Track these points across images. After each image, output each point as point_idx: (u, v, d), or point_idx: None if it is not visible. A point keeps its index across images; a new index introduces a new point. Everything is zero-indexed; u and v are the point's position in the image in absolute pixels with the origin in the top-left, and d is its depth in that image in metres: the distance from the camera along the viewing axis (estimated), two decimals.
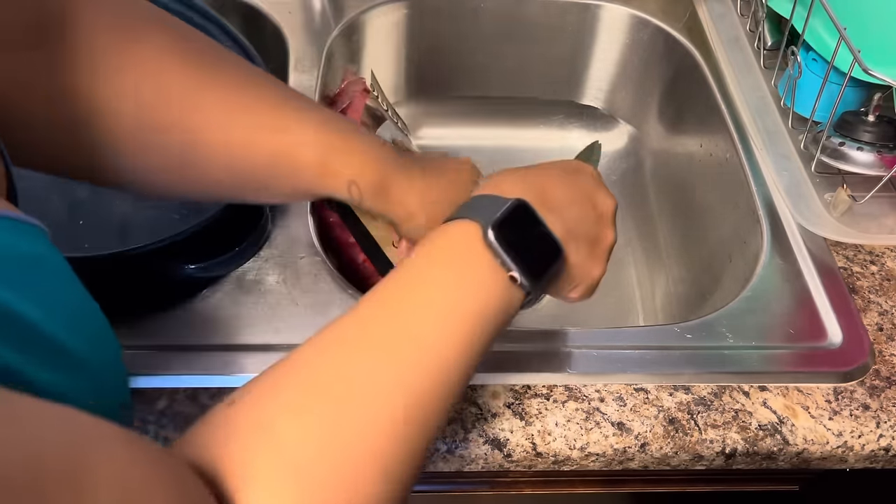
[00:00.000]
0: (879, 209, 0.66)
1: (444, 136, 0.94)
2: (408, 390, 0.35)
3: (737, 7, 0.85)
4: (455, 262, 0.39)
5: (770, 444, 0.51)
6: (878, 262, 0.62)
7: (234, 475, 0.31)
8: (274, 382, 0.35)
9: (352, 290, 0.58)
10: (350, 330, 0.37)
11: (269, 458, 0.32)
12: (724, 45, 0.81)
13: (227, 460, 0.32)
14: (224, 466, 0.31)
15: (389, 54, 0.89)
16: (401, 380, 0.35)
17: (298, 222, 0.61)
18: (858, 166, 0.63)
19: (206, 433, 0.33)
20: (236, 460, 0.32)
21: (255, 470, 0.32)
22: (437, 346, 0.36)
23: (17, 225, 0.29)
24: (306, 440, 0.33)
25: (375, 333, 0.36)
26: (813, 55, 0.68)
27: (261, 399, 0.34)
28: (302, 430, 0.33)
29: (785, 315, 0.58)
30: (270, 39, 0.79)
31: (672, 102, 0.87)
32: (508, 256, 0.38)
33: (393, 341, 0.36)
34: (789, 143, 0.71)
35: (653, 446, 0.51)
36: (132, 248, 0.52)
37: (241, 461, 0.32)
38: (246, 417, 0.34)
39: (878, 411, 0.53)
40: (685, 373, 0.54)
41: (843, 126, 0.65)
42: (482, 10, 0.87)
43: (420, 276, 0.39)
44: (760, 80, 0.77)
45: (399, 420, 0.34)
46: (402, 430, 0.34)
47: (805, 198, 0.66)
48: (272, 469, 0.32)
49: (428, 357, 0.36)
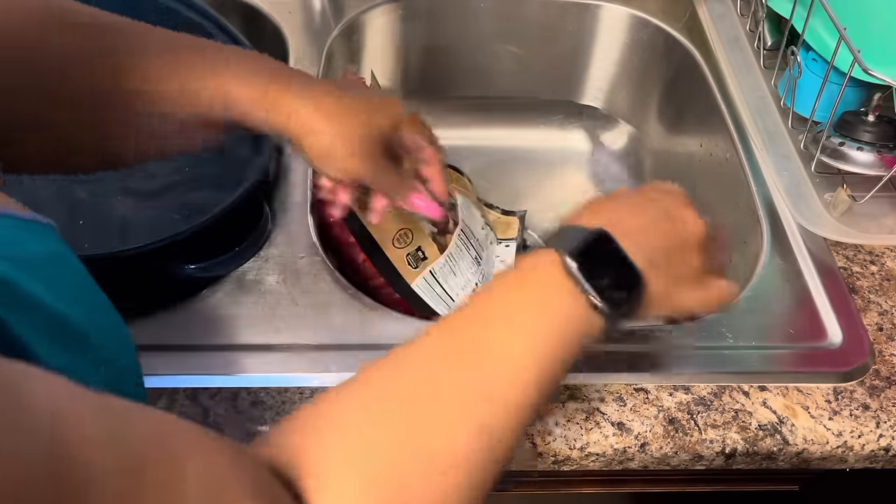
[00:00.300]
0: (879, 209, 0.66)
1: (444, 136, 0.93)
2: (491, 403, 0.36)
3: (737, 7, 0.85)
4: (538, 288, 0.40)
5: (770, 444, 0.51)
6: (878, 261, 0.62)
7: (310, 475, 0.32)
8: (359, 387, 0.36)
9: (352, 290, 0.58)
10: (437, 341, 0.38)
11: (349, 462, 0.32)
12: (724, 45, 0.81)
13: (305, 460, 0.32)
14: (302, 466, 0.32)
15: (389, 54, 0.89)
16: (485, 392, 0.36)
17: (298, 222, 0.61)
18: (858, 166, 0.63)
19: (287, 433, 0.34)
20: (314, 461, 0.32)
21: (332, 473, 0.32)
22: (519, 363, 0.37)
23: (29, 224, 0.30)
24: (387, 445, 0.33)
25: (462, 346, 0.38)
26: (813, 55, 0.68)
27: (345, 402, 0.35)
28: (383, 435, 0.33)
29: (785, 315, 0.58)
30: (270, 39, 0.79)
31: (672, 102, 0.87)
32: (589, 284, 0.39)
33: (478, 355, 0.37)
34: (789, 143, 0.71)
35: (653, 446, 0.51)
36: (132, 248, 0.52)
37: (318, 462, 0.32)
38: (327, 420, 0.34)
39: (877, 411, 0.53)
40: (685, 373, 0.54)
41: (843, 126, 0.65)
42: (482, 10, 0.87)
43: (505, 297, 0.40)
44: (760, 80, 0.77)
45: (482, 430, 0.35)
46: (484, 441, 0.35)
47: (805, 198, 0.66)
48: (351, 473, 0.32)
49: (511, 372, 0.37)
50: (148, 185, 0.70)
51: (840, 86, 0.62)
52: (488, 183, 0.89)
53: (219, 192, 0.70)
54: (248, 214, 0.58)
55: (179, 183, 0.71)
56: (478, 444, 0.35)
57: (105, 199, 0.69)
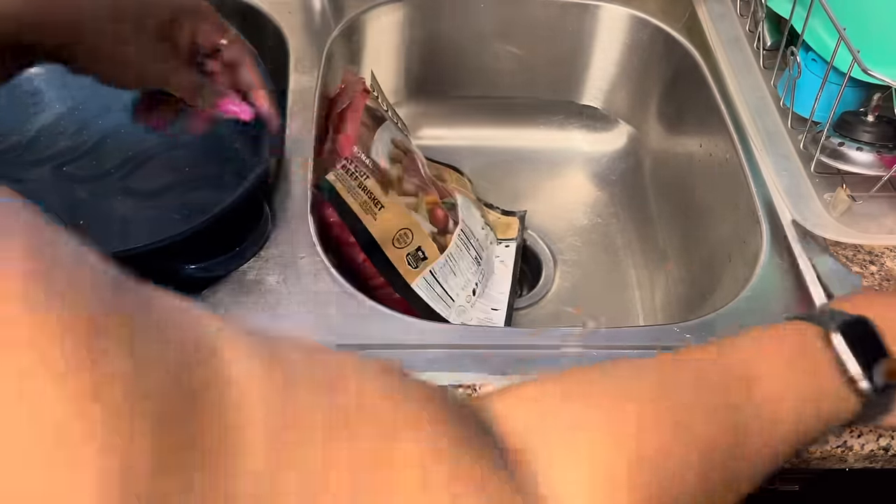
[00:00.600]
0: (879, 209, 0.66)
1: (444, 136, 0.94)
2: (740, 433, 0.35)
3: (736, 7, 0.85)
4: (793, 355, 0.39)
5: None
6: (878, 261, 0.62)
7: (543, 454, 0.30)
8: (597, 390, 0.34)
9: (352, 290, 0.58)
10: (681, 375, 0.37)
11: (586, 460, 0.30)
12: (724, 45, 0.81)
13: (541, 439, 0.30)
14: (535, 443, 0.30)
15: (389, 54, 0.89)
16: (737, 426, 0.35)
17: (298, 222, 0.61)
18: (858, 166, 0.63)
19: (521, 417, 0.32)
20: (549, 444, 0.30)
21: (570, 465, 0.30)
22: (773, 446, 0.36)
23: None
24: (619, 454, 0.31)
25: (707, 397, 0.36)
26: (812, 55, 0.68)
27: (589, 407, 0.33)
28: (615, 445, 0.31)
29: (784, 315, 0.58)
30: (270, 39, 0.79)
31: (672, 103, 0.87)
32: (853, 360, 0.38)
33: (723, 404, 0.35)
34: (789, 143, 0.71)
35: None
36: (132, 248, 0.52)
37: (557, 447, 0.30)
38: (560, 408, 0.32)
39: None
40: None
41: (842, 126, 0.65)
42: (482, 10, 0.87)
43: (760, 352, 0.39)
44: (760, 81, 0.77)
45: (728, 487, 0.34)
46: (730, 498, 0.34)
47: (805, 198, 0.66)
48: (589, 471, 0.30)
49: (762, 452, 0.36)
50: (148, 185, 0.70)
51: (839, 86, 0.62)
52: (488, 183, 0.89)
53: (219, 192, 0.71)
54: (248, 214, 0.58)
55: (179, 183, 0.71)
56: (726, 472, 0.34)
57: (105, 199, 0.69)
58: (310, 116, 0.70)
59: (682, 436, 0.33)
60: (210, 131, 0.75)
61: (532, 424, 0.31)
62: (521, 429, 0.31)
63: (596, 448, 0.31)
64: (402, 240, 0.66)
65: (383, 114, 0.71)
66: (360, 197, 0.63)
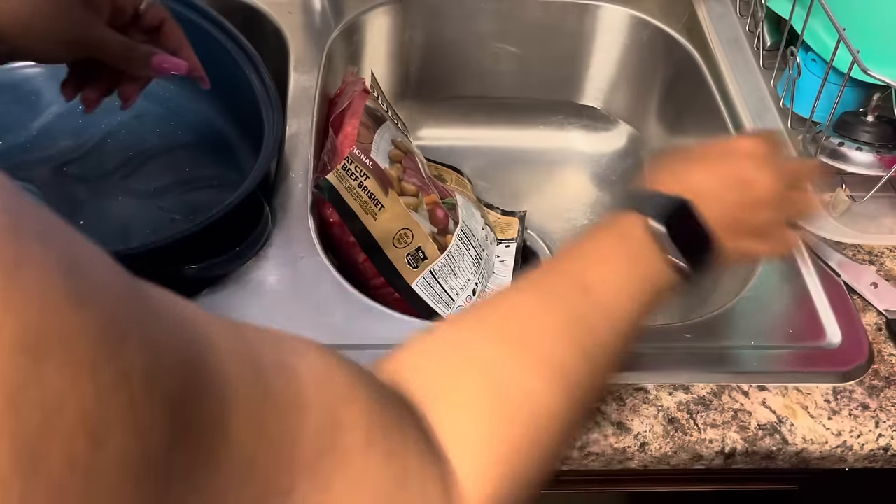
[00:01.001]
0: (878, 209, 0.66)
1: (444, 136, 0.94)
2: (593, 334, 0.39)
3: (736, 7, 0.85)
4: (629, 240, 0.43)
5: (769, 443, 0.51)
6: (878, 261, 0.62)
7: (429, 389, 0.34)
8: (473, 317, 0.39)
9: (352, 290, 0.58)
10: (544, 278, 0.42)
11: (468, 375, 0.35)
12: (724, 45, 0.81)
13: (426, 377, 0.34)
14: (423, 382, 0.34)
15: (389, 54, 0.89)
16: (590, 321, 0.39)
17: (298, 222, 0.61)
18: (858, 166, 0.64)
19: (410, 355, 0.36)
20: (434, 376, 0.34)
21: (453, 385, 0.34)
22: (615, 300, 0.41)
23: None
24: (504, 362, 0.36)
25: (568, 279, 0.41)
26: (812, 55, 0.68)
27: (461, 327, 0.38)
28: (499, 352, 0.36)
29: (784, 315, 0.58)
30: (270, 39, 0.79)
31: (671, 103, 0.87)
32: (668, 244, 0.42)
33: (583, 289, 0.40)
34: (789, 143, 0.71)
35: (652, 446, 0.51)
36: (132, 248, 0.52)
37: (439, 377, 0.34)
38: (445, 339, 0.37)
39: (877, 411, 0.53)
40: (684, 372, 0.54)
41: (842, 126, 0.65)
42: (482, 10, 0.87)
43: (600, 243, 0.44)
44: (760, 81, 0.77)
45: (585, 355, 0.38)
46: (586, 367, 0.38)
47: None
48: (471, 385, 0.34)
49: (609, 308, 0.40)
50: (148, 185, 0.70)
51: (839, 86, 0.62)
52: (488, 183, 0.89)
53: (219, 192, 0.71)
54: (248, 214, 0.58)
55: (179, 183, 0.71)
56: (583, 367, 0.38)
57: (105, 199, 0.69)
58: (310, 116, 0.70)
59: (549, 370, 0.37)
60: (210, 130, 0.75)
61: (421, 379, 0.35)
62: (415, 387, 0.34)
63: (473, 399, 0.34)
64: (402, 240, 0.66)
65: (383, 114, 0.71)
66: (360, 197, 0.63)
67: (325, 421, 0.28)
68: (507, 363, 0.36)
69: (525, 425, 0.35)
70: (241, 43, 0.68)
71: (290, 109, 0.71)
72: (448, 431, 0.33)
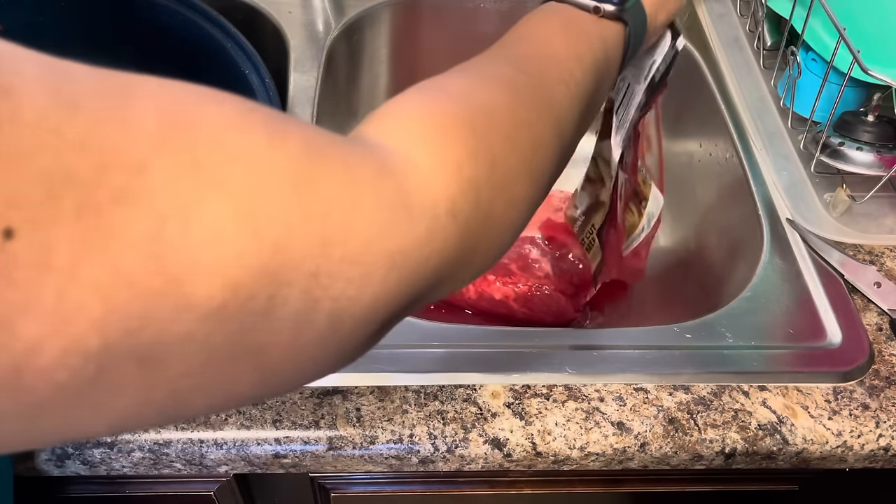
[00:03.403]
0: (879, 209, 0.66)
1: None
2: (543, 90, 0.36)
3: (736, 7, 0.85)
4: (549, 16, 0.41)
5: (769, 443, 0.51)
6: (878, 261, 0.62)
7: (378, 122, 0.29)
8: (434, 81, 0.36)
9: None
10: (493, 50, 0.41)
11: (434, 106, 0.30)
12: (724, 45, 0.81)
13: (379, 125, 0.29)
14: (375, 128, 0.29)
15: (389, 54, 0.89)
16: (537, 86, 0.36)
17: None
18: (858, 166, 0.64)
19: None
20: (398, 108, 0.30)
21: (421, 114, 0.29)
22: (560, 51, 0.39)
23: None
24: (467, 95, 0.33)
25: (516, 40, 0.40)
26: (812, 55, 0.68)
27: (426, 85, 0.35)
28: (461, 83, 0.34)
29: (784, 315, 0.58)
30: (270, 39, 0.79)
31: (672, 102, 0.87)
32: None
33: (532, 53, 0.38)
34: (789, 143, 0.71)
35: (652, 446, 0.51)
36: None
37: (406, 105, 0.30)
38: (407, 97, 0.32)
39: (877, 411, 0.53)
40: (685, 373, 0.54)
41: (842, 126, 0.65)
42: (482, 10, 0.87)
43: (519, 30, 0.41)
44: (760, 81, 0.77)
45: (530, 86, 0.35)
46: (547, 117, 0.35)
47: (805, 198, 0.66)
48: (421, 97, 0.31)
49: (558, 60, 0.38)
50: None
51: (840, 86, 0.62)
52: None
53: None
54: None
55: None
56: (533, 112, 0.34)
57: None
58: (309, 116, 0.70)
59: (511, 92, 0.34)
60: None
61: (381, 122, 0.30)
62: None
63: (426, 105, 0.31)
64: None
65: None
66: None
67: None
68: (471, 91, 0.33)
69: (489, 124, 0.31)
70: (241, 43, 0.68)
71: (290, 109, 0.71)
72: (395, 129, 0.28)
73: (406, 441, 0.50)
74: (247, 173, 0.20)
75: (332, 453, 0.50)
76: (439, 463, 0.51)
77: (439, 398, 0.52)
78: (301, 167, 0.22)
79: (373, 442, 0.50)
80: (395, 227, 0.24)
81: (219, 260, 0.19)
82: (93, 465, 0.50)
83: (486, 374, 0.53)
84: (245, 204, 0.20)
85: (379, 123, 0.29)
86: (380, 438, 0.50)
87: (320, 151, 0.23)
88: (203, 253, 0.19)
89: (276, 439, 0.50)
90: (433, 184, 0.26)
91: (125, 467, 0.50)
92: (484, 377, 0.53)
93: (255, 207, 0.20)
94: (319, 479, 0.58)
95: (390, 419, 0.51)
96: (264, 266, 0.20)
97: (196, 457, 0.50)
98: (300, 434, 0.50)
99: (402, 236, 0.24)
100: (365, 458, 0.51)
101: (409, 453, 0.50)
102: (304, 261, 0.21)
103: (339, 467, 0.51)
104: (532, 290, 0.70)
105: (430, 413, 0.51)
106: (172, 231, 0.18)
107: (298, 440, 0.50)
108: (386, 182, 0.25)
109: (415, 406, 0.51)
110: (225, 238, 0.19)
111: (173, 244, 0.18)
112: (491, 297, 0.70)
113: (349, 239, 0.22)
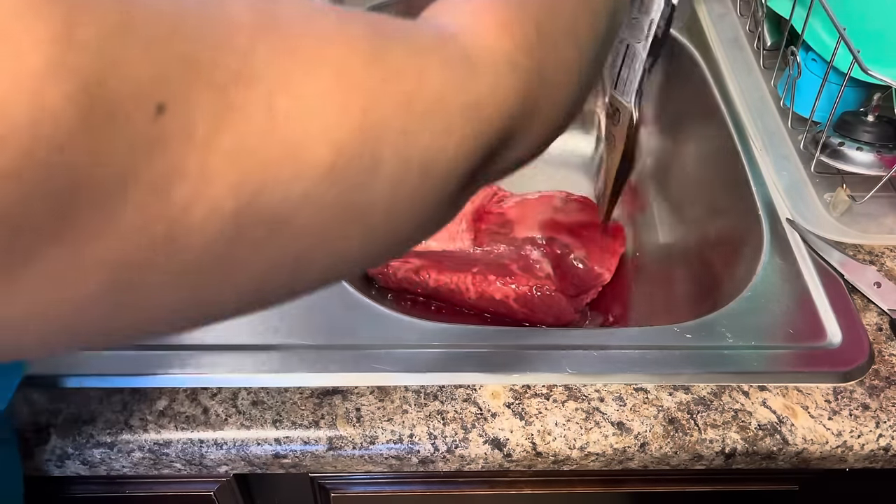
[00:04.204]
0: (879, 209, 0.66)
1: None
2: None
3: (736, 7, 0.85)
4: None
5: (769, 443, 0.51)
6: (878, 261, 0.62)
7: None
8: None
9: (351, 289, 0.58)
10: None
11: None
12: (724, 45, 0.81)
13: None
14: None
15: None
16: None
17: None
18: (858, 166, 0.64)
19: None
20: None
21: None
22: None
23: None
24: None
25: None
26: (812, 55, 0.68)
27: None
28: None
29: (784, 315, 0.58)
30: None
31: (672, 103, 0.87)
32: None
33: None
34: (789, 143, 0.71)
35: (652, 446, 0.51)
36: None
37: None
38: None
39: (877, 411, 0.53)
40: (685, 373, 0.54)
41: (842, 126, 0.65)
42: None
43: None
44: (760, 81, 0.77)
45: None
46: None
47: (805, 198, 0.66)
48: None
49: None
50: None
51: (839, 86, 0.62)
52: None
53: None
54: None
55: None
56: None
57: None
58: None
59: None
60: None
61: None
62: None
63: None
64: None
65: None
66: None
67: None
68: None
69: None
70: None
71: None
72: (444, 10, 0.30)
73: (406, 441, 0.50)
74: (330, 51, 0.23)
75: (332, 453, 0.50)
76: (439, 463, 0.51)
77: (439, 398, 0.52)
78: (370, 42, 0.25)
79: (373, 442, 0.50)
80: (463, 82, 0.27)
81: (323, 126, 0.22)
82: (93, 465, 0.50)
83: (486, 374, 0.53)
84: (334, 77, 0.23)
85: (429, 12, 0.31)
86: (380, 438, 0.50)
87: (384, 29, 0.26)
88: (310, 122, 0.22)
89: (276, 439, 0.50)
90: (490, 43, 0.29)
91: (125, 467, 0.50)
92: (484, 377, 0.53)
93: (342, 79, 0.23)
94: (319, 479, 0.58)
95: (390, 419, 0.51)
96: (359, 126, 0.23)
97: (196, 457, 0.50)
98: (300, 434, 0.50)
99: (470, 90, 0.27)
100: (365, 459, 0.51)
101: (409, 453, 0.50)
102: (392, 119, 0.24)
103: (339, 467, 0.51)
104: (533, 291, 0.70)
105: (430, 413, 0.51)
106: (282, 105, 0.21)
107: (298, 440, 0.50)
108: (447, 46, 0.28)
109: (415, 406, 0.51)
110: (325, 107, 0.22)
111: (285, 116, 0.21)
112: (491, 297, 0.70)
113: (425, 95, 0.25)
